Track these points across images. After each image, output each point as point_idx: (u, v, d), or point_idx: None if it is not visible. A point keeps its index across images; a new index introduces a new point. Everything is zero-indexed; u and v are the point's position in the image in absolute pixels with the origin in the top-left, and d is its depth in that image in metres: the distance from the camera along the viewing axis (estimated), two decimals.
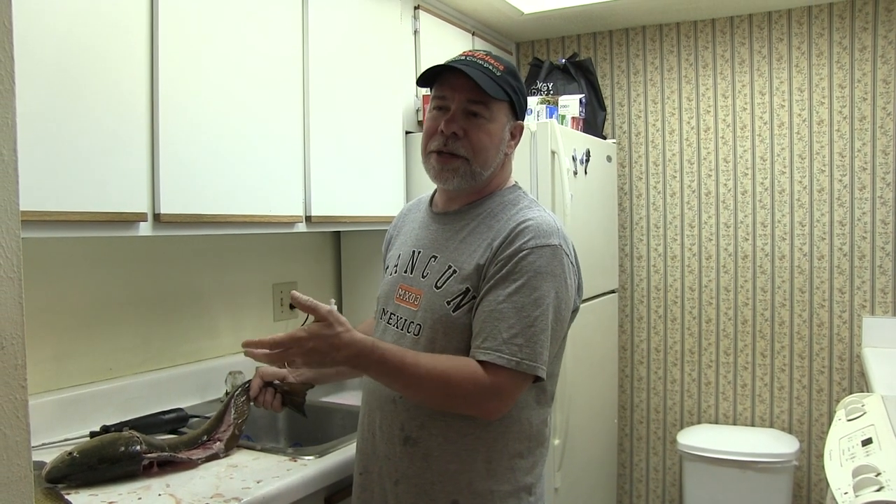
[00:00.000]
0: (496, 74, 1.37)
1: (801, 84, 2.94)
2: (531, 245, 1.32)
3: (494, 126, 1.39)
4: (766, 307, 3.05)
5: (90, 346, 1.92)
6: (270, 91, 1.95)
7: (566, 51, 3.35)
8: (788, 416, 3.02)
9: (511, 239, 1.34)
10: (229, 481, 1.49)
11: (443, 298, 1.36)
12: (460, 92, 1.37)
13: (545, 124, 2.43)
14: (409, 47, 2.56)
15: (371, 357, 1.25)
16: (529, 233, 1.34)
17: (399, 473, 1.39)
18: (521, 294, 1.30)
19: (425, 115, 1.47)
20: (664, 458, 3.26)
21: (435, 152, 1.40)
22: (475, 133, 1.38)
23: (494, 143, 1.40)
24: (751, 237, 3.06)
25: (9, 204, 0.77)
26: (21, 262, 0.77)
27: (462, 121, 1.38)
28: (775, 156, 3.01)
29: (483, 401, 1.29)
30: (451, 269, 1.38)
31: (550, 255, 1.33)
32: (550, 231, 1.35)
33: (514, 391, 1.30)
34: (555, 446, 2.45)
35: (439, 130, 1.38)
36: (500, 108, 1.40)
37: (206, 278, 2.25)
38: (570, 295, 1.38)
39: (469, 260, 1.37)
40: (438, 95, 1.41)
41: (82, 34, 1.48)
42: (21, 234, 0.79)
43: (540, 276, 1.31)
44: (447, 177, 1.40)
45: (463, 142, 1.37)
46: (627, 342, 3.30)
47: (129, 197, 1.59)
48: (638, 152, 3.25)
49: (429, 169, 1.44)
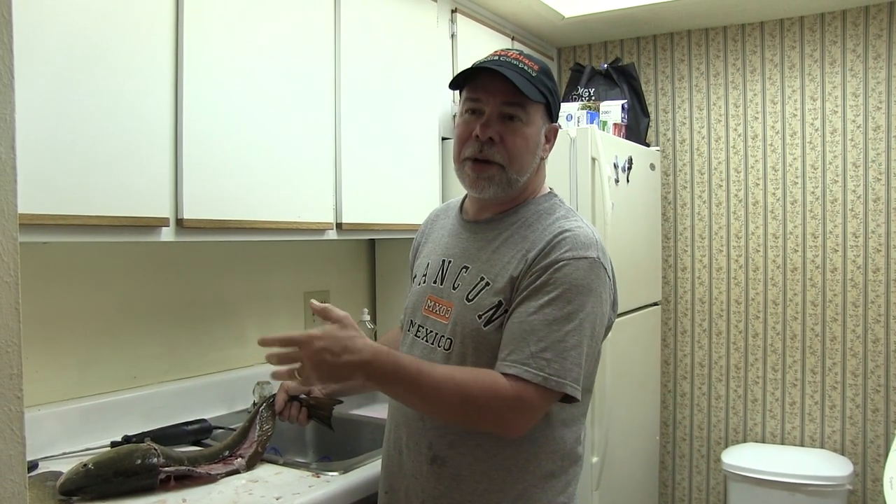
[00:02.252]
0: (531, 75, 1.30)
1: (856, 88, 2.81)
2: (568, 256, 1.25)
3: (531, 129, 1.33)
4: (817, 322, 2.91)
5: (114, 353, 1.89)
6: (300, 93, 1.91)
7: (608, 56, 3.27)
8: (841, 436, 2.88)
9: (547, 251, 1.27)
10: (247, 497, 1.44)
11: (474, 312, 1.30)
12: (495, 94, 1.30)
13: (585, 130, 2.35)
14: (445, 51, 2.51)
15: (385, 362, 1.16)
16: (567, 244, 1.26)
17: (426, 493, 1.34)
18: (553, 307, 1.22)
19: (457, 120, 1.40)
20: (708, 477, 3.14)
21: (470, 159, 1.33)
22: (511, 138, 1.31)
23: (531, 147, 1.33)
24: (800, 248, 2.93)
25: (6, 205, 0.73)
26: (18, 265, 0.73)
27: (497, 125, 1.31)
28: (827, 164, 2.88)
29: (505, 415, 1.21)
30: (484, 280, 1.31)
31: (588, 267, 1.25)
32: (589, 243, 1.28)
33: (539, 407, 1.22)
34: (593, 464, 2.35)
35: (474, 135, 1.31)
36: (536, 111, 1.33)
37: (235, 285, 2.22)
38: (606, 311, 1.30)
39: (503, 272, 1.30)
40: (471, 98, 1.34)
41: (106, 35, 1.45)
42: (29, 238, 0.75)
43: (575, 290, 1.23)
44: (483, 186, 1.33)
45: (499, 147, 1.30)
46: (670, 356, 3.19)
47: (150, 201, 1.55)
48: (682, 160, 3.15)
49: (463, 178, 1.37)
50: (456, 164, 1.38)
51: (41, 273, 1.72)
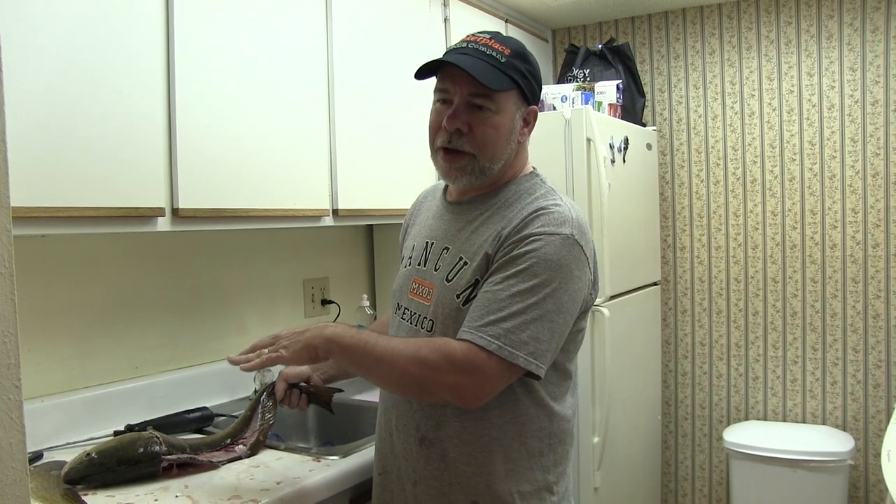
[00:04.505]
0: (500, 61, 1.28)
1: (853, 63, 2.79)
2: (539, 232, 1.24)
3: (502, 118, 1.30)
4: (817, 298, 2.91)
5: (116, 343, 1.90)
6: (294, 80, 1.91)
7: (603, 36, 3.25)
8: (842, 412, 2.88)
9: (520, 227, 1.26)
10: (249, 482, 1.45)
11: (453, 292, 1.30)
12: (461, 84, 1.28)
13: (580, 111, 2.34)
14: (438, 35, 2.49)
15: (342, 326, 1.30)
16: (540, 221, 1.26)
17: (417, 474, 1.35)
18: (518, 279, 1.21)
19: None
20: (710, 455, 3.15)
21: (442, 149, 1.33)
22: (480, 127, 1.29)
23: (503, 135, 1.32)
24: (799, 226, 2.93)
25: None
26: (13, 257, 0.74)
27: (466, 115, 1.29)
28: (825, 140, 2.87)
29: (458, 380, 1.19)
30: (462, 260, 1.32)
31: (560, 244, 1.24)
32: (563, 220, 1.26)
33: (493, 376, 1.20)
34: (594, 444, 2.37)
35: (443, 126, 1.31)
36: (507, 98, 1.30)
37: (235, 274, 2.22)
38: (579, 288, 1.27)
39: (479, 250, 1.30)
40: (440, 88, 1.33)
41: (97, 25, 1.45)
42: (28, 231, 0.75)
43: (543, 264, 1.22)
44: (456, 175, 1.34)
45: (468, 137, 1.29)
46: (671, 336, 3.19)
47: (145, 191, 1.55)
48: (679, 139, 3.13)
49: (437, 167, 1.37)
50: (431, 152, 1.38)
51: (41, 266, 1.72)
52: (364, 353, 1.25)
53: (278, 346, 1.30)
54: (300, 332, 1.30)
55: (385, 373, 1.26)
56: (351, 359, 1.28)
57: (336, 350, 1.27)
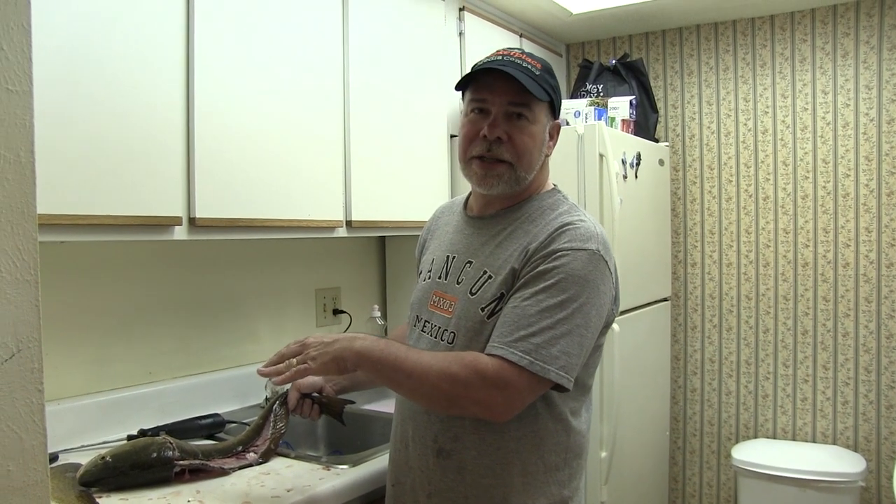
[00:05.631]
0: (535, 74, 1.32)
1: (869, 81, 2.79)
2: (567, 247, 1.26)
3: (537, 128, 1.35)
4: (829, 317, 2.89)
5: (130, 349, 1.93)
6: (309, 92, 1.93)
7: (617, 52, 3.27)
8: (854, 432, 2.86)
9: (547, 242, 1.28)
10: (260, 489, 1.47)
11: (477, 305, 1.32)
12: (501, 94, 1.32)
13: (593, 126, 2.35)
14: (453, 49, 2.52)
15: (372, 338, 1.29)
16: (567, 236, 1.28)
17: (432, 486, 1.35)
18: (547, 294, 1.23)
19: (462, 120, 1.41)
20: (718, 473, 3.13)
21: (477, 158, 1.35)
22: (519, 136, 1.33)
23: (537, 144, 1.36)
24: (811, 244, 2.92)
25: (26, 206, 0.76)
26: (38, 264, 0.76)
27: (504, 124, 1.32)
28: (839, 158, 2.86)
29: (488, 395, 1.21)
30: (487, 274, 1.33)
31: (586, 259, 1.26)
32: (589, 236, 1.29)
33: (522, 391, 1.22)
34: (602, 459, 2.36)
35: (481, 135, 1.33)
36: (541, 109, 1.35)
37: (247, 283, 2.25)
38: (604, 303, 1.30)
39: (505, 265, 1.32)
40: (477, 98, 1.35)
41: (117, 36, 1.48)
42: (46, 238, 0.78)
43: (571, 279, 1.24)
44: (492, 183, 1.35)
45: (507, 146, 1.32)
46: (680, 352, 3.19)
47: (163, 200, 1.58)
48: (692, 156, 3.14)
49: (470, 175, 1.39)
50: (462, 162, 1.40)
51: (58, 272, 1.75)
52: (394, 368, 1.26)
53: (306, 356, 1.30)
54: (328, 343, 1.30)
55: (415, 387, 1.27)
56: (381, 373, 1.29)
57: (366, 364, 1.28)
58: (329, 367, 1.30)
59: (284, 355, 1.33)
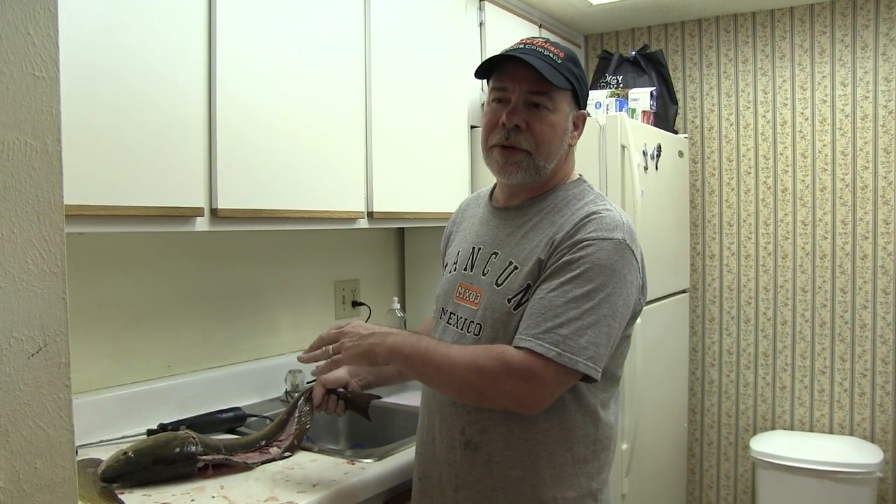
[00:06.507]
0: (557, 62, 1.31)
1: (888, 73, 2.78)
2: (592, 237, 1.25)
3: (557, 117, 1.33)
4: (846, 309, 2.89)
5: (149, 342, 1.91)
6: (331, 84, 1.93)
7: (636, 43, 3.25)
8: (871, 423, 2.86)
9: (573, 232, 1.28)
10: (285, 483, 1.45)
11: (503, 296, 1.31)
12: (521, 82, 1.31)
13: (615, 118, 2.35)
14: (474, 40, 2.51)
15: (404, 333, 1.33)
16: (592, 225, 1.27)
17: (459, 479, 1.35)
18: (573, 284, 1.22)
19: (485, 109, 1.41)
20: (736, 464, 3.14)
21: (497, 146, 1.35)
22: (538, 125, 1.32)
23: (558, 134, 1.34)
24: (830, 236, 2.91)
25: (53, 196, 0.73)
26: (65, 256, 0.74)
27: (524, 112, 1.32)
28: (857, 150, 2.85)
29: (517, 387, 1.21)
30: (513, 265, 1.32)
31: (612, 248, 1.25)
32: (615, 225, 1.28)
33: (551, 383, 1.21)
34: (622, 451, 2.37)
35: (500, 123, 1.32)
36: (562, 98, 1.33)
37: (267, 275, 2.24)
38: (631, 293, 1.29)
39: (531, 255, 1.31)
40: (498, 87, 1.35)
41: (139, 26, 1.46)
42: (66, 228, 0.76)
43: (597, 269, 1.23)
44: (511, 171, 1.35)
45: (525, 134, 1.32)
46: (698, 344, 3.19)
47: (185, 191, 1.57)
48: (711, 147, 3.13)
49: (491, 163, 1.38)
50: (484, 151, 1.39)
51: (78, 263, 1.73)
52: (424, 363, 1.27)
53: (341, 345, 1.34)
54: (364, 336, 1.33)
55: (445, 381, 1.28)
56: (412, 367, 1.30)
57: (397, 359, 1.30)
58: (360, 359, 1.33)
59: (324, 339, 1.36)
